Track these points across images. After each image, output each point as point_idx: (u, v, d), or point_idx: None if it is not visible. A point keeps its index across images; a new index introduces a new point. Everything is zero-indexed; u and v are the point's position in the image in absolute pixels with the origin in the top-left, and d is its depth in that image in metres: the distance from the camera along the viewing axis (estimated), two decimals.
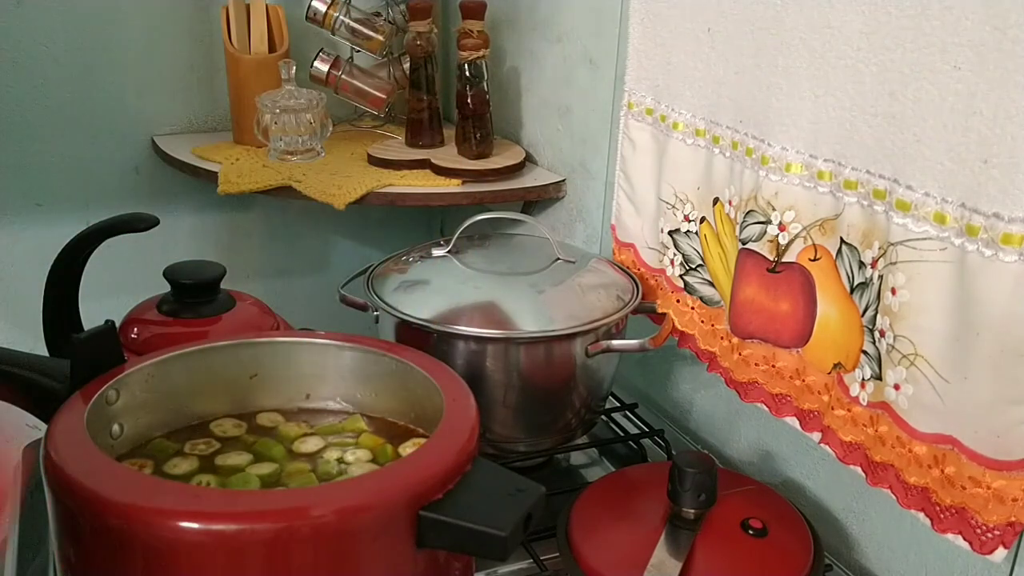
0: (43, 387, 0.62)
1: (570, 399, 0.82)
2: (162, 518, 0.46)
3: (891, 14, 0.59)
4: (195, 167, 1.16)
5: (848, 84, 0.63)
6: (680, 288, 0.85)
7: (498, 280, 0.82)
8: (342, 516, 0.47)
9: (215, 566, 0.46)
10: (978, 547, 0.58)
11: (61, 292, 0.81)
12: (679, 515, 0.68)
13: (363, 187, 1.08)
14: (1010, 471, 0.56)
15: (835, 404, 0.69)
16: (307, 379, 0.67)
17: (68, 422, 0.54)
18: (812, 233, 0.68)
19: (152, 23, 1.25)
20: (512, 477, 0.53)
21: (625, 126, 0.89)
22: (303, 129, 1.16)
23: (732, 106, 0.74)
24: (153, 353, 0.63)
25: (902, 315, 0.60)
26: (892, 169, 0.60)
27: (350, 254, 1.49)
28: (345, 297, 0.86)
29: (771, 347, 0.75)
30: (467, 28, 1.11)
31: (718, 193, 0.78)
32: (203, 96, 1.31)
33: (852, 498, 0.76)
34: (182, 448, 0.62)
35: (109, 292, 1.00)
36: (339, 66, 1.27)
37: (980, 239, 0.54)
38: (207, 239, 1.38)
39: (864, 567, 0.76)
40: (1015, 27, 0.51)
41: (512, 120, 1.25)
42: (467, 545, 0.49)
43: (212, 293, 0.83)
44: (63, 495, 0.49)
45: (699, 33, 0.77)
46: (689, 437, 0.97)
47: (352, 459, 0.61)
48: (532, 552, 0.72)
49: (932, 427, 0.60)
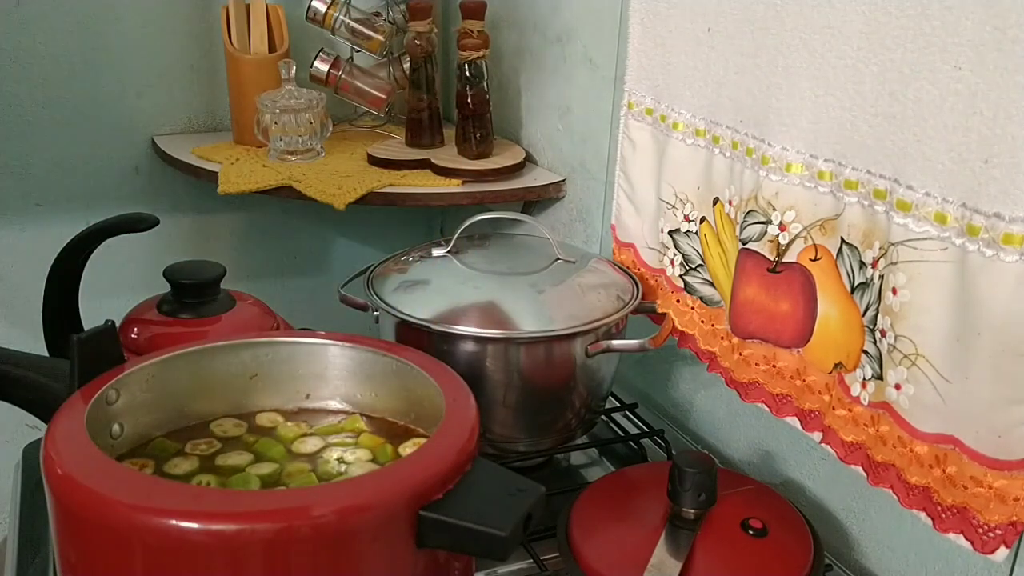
0: (43, 387, 0.62)
1: (570, 399, 0.82)
2: (162, 518, 0.46)
3: (891, 14, 0.59)
4: (195, 167, 1.16)
5: (848, 84, 0.63)
6: (680, 288, 0.85)
7: (498, 280, 0.82)
8: (342, 516, 0.47)
9: (215, 566, 0.46)
10: (979, 547, 0.58)
11: (61, 292, 0.81)
12: (679, 515, 0.68)
13: (363, 187, 1.08)
14: (1011, 471, 0.56)
15: (836, 404, 0.69)
16: (307, 379, 0.67)
17: (68, 422, 0.54)
18: (812, 233, 0.68)
19: (152, 23, 1.25)
20: (512, 477, 0.53)
21: (625, 126, 0.89)
22: (303, 129, 1.16)
23: (732, 106, 0.74)
24: (153, 353, 0.63)
25: (903, 315, 0.60)
26: (893, 169, 0.60)
27: (350, 254, 1.49)
28: (345, 297, 0.86)
29: (771, 347, 0.75)
30: (467, 28, 1.11)
31: (718, 193, 0.78)
32: (203, 96, 1.31)
33: (852, 498, 0.76)
34: (182, 448, 0.62)
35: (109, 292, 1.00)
36: (339, 66, 1.27)
37: (981, 239, 0.54)
38: (207, 239, 1.38)
39: (864, 567, 0.76)
40: (1015, 27, 0.51)
41: (512, 120, 1.25)
42: (467, 545, 0.49)
43: (212, 293, 0.83)
44: (63, 495, 0.49)
45: (699, 33, 0.77)
46: (689, 437, 0.97)
47: (352, 459, 0.61)
48: (532, 552, 0.71)
49: (933, 427, 0.60)
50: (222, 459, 0.61)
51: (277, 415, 0.66)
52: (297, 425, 0.65)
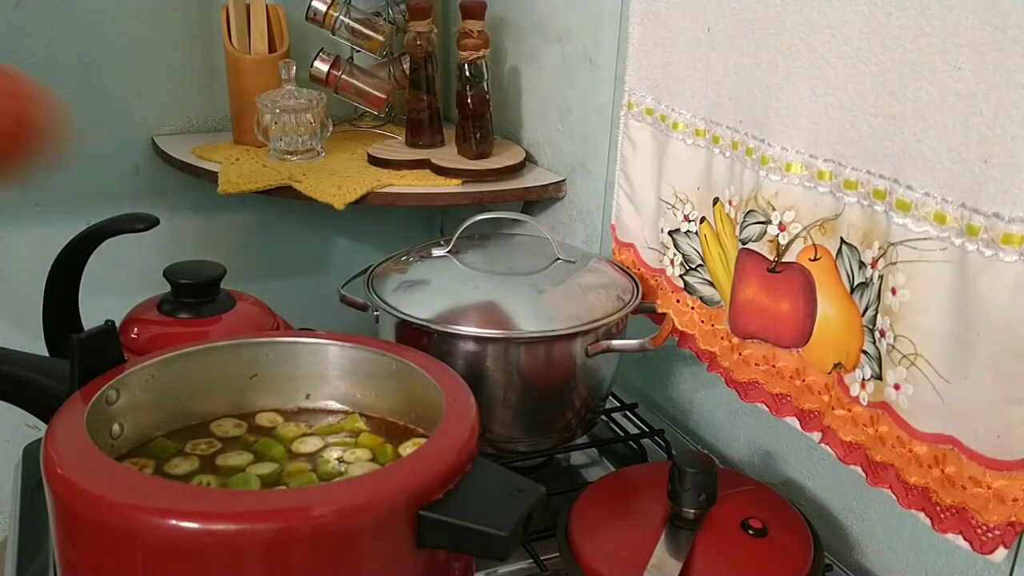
0: (43, 387, 0.62)
1: (570, 399, 0.82)
2: (162, 518, 0.46)
3: (891, 14, 0.59)
4: (195, 167, 1.16)
5: (848, 84, 0.63)
6: (680, 288, 0.85)
7: (498, 280, 0.82)
8: (342, 516, 0.47)
9: (215, 566, 0.46)
10: (978, 547, 0.58)
11: (61, 292, 0.81)
12: (679, 515, 0.68)
13: (363, 187, 1.08)
14: (1010, 471, 0.56)
15: (835, 404, 0.69)
16: (307, 379, 0.67)
17: (68, 422, 0.54)
18: (812, 233, 0.68)
19: (152, 23, 1.25)
20: (512, 477, 0.53)
21: (625, 126, 0.89)
22: (303, 129, 1.16)
23: (732, 106, 0.74)
24: (153, 353, 0.63)
25: (902, 315, 0.60)
26: (892, 169, 0.60)
27: (350, 254, 1.49)
28: (345, 297, 0.86)
29: (771, 347, 0.75)
30: (467, 28, 1.11)
31: (718, 193, 0.78)
32: (203, 96, 1.31)
33: (852, 498, 0.76)
34: (183, 448, 0.62)
35: (109, 292, 1.00)
36: (339, 66, 1.27)
37: (980, 239, 0.54)
38: (207, 239, 1.38)
39: (864, 567, 0.76)
40: (1015, 27, 0.51)
41: (512, 120, 1.25)
42: (467, 545, 0.49)
43: (212, 293, 0.83)
44: (63, 495, 0.49)
45: (699, 33, 0.77)
46: (689, 437, 0.97)
47: (352, 459, 0.61)
48: (532, 552, 0.72)
49: (932, 427, 0.60)
50: (222, 459, 0.61)
51: (277, 415, 0.66)
52: (297, 425, 0.65)
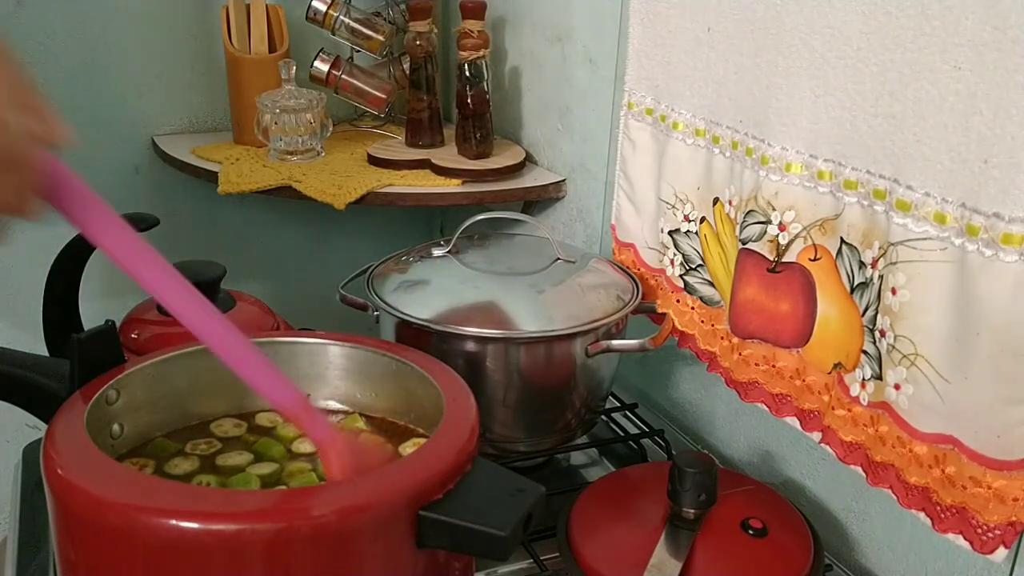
0: (43, 387, 0.62)
1: (570, 399, 0.82)
2: (162, 518, 0.46)
3: (891, 14, 0.59)
4: (195, 167, 1.16)
5: (848, 84, 0.63)
6: (680, 288, 0.85)
7: (498, 280, 0.82)
8: (342, 516, 0.47)
9: (215, 566, 0.46)
10: (979, 547, 0.58)
11: (61, 292, 0.81)
12: (679, 515, 0.68)
13: (363, 187, 1.08)
14: (1010, 471, 0.56)
15: (835, 404, 0.69)
16: (307, 379, 0.67)
17: (68, 422, 0.54)
18: (812, 233, 0.68)
19: (152, 23, 1.25)
20: (512, 477, 0.53)
21: (625, 126, 0.89)
22: (303, 129, 1.16)
23: (732, 106, 0.74)
24: (153, 353, 0.63)
25: (902, 315, 0.60)
26: (892, 169, 0.60)
27: (350, 254, 1.49)
28: (345, 297, 0.86)
29: (771, 347, 0.75)
30: (467, 28, 1.11)
31: (718, 193, 0.78)
32: (203, 96, 1.31)
33: (852, 498, 0.76)
34: (183, 448, 0.62)
35: (109, 292, 1.00)
36: (339, 66, 1.27)
37: (980, 239, 0.54)
38: (207, 239, 1.38)
39: (864, 567, 0.76)
40: (1015, 27, 0.51)
41: (512, 120, 1.25)
42: (467, 545, 0.49)
43: (212, 293, 0.83)
44: (63, 495, 0.49)
45: (699, 33, 0.77)
46: (689, 437, 0.96)
47: None
48: (532, 552, 0.72)
49: (932, 427, 0.60)
50: (222, 459, 0.61)
51: (277, 415, 0.66)
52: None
